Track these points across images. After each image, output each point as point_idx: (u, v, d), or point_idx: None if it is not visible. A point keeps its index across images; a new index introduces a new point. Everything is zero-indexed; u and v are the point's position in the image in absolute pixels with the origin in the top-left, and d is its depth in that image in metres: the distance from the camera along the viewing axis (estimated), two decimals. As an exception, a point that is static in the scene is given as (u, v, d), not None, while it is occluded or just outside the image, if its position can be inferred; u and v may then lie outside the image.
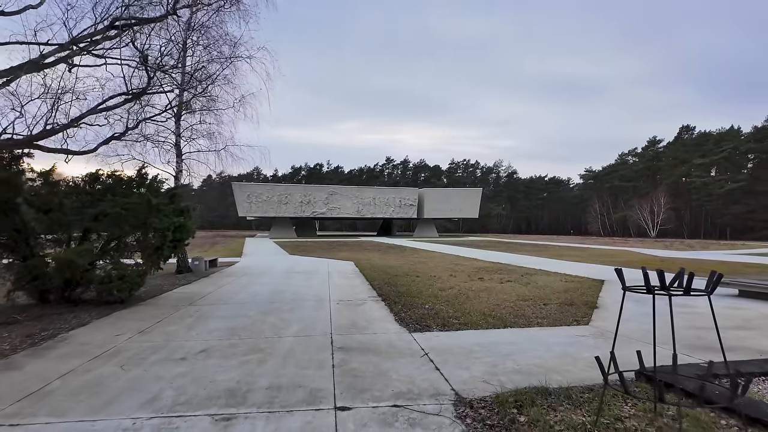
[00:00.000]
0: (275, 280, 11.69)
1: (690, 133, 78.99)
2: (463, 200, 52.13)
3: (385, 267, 15.20)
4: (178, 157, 12.95)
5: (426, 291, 9.61)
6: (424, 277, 12.26)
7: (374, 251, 24.32)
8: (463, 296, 9.00)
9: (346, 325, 6.24)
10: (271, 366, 4.45)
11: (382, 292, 9.30)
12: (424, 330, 5.99)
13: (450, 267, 15.56)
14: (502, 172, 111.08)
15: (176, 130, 12.96)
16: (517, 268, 15.05)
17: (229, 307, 7.68)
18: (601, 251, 25.44)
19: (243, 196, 45.08)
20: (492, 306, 7.91)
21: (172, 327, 6.24)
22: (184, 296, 9.03)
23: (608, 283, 11.15)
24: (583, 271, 13.96)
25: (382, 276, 12.40)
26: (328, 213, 48.02)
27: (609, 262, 18.29)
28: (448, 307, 7.65)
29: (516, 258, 19.77)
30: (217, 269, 14.85)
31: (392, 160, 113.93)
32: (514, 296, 9.04)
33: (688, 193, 70.79)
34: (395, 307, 7.62)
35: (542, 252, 24.42)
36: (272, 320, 6.59)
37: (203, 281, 11.58)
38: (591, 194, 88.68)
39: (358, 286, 10.38)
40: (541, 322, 6.56)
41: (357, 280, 11.67)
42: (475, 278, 12.35)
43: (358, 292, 9.43)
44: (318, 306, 7.77)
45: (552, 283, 11.39)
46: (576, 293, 9.51)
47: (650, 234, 63.87)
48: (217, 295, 9.17)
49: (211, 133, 13.42)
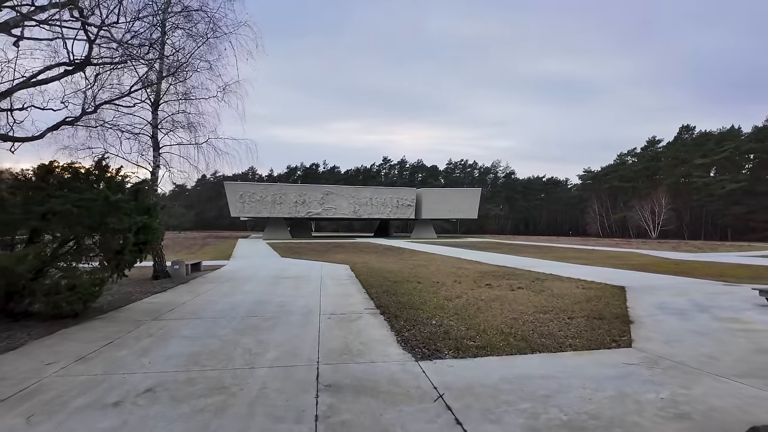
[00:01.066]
0: (261, 287, 10.50)
1: (690, 133, 78.24)
2: (461, 200, 51.01)
3: (383, 271, 14.04)
4: (155, 150, 11.74)
5: (431, 301, 8.45)
6: (427, 284, 11.11)
7: (371, 253, 23.16)
8: (473, 307, 7.86)
9: (337, 350, 5.07)
10: (233, 418, 3.27)
11: (380, 303, 8.13)
12: (433, 356, 4.82)
13: (453, 271, 14.41)
14: (500, 172, 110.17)
15: (153, 120, 11.75)
16: (525, 273, 13.93)
17: (199, 324, 6.48)
18: (608, 253, 24.38)
19: (235, 195, 43.75)
20: (509, 320, 6.76)
21: (122, 352, 5.04)
22: (152, 308, 7.82)
23: (631, 291, 10.02)
24: (597, 276, 12.86)
25: (380, 282, 11.24)
26: (323, 213, 46.76)
27: (620, 265, 17.21)
28: (459, 323, 6.50)
29: (521, 261, 18.65)
30: (199, 274, 13.64)
31: (389, 160, 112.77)
32: (531, 307, 7.90)
33: (689, 194, 69.98)
34: (397, 322, 6.45)
35: (546, 254, 23.34)
36: (247, 342, 5.41)
37: (180, 288, 10.37)
38: (590, 195, 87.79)
39: (353, 295, 9.21)
40: (574, 344, 5.41)
41: (352, 287, 10.50)
42: (482, 284, 11.22)
43: (353, 303, 8.26)
44: (305, 321, 6.59)
45: (568, 290, 10.27)
46: (600, 303, 8.39)
47: (651, 235, 63.00)
48: (191, 306, 7.98)
49: (191, 124, 12.23)
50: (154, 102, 11.73)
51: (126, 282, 11.52)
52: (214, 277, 12.75)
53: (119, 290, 10.07)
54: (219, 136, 12.44)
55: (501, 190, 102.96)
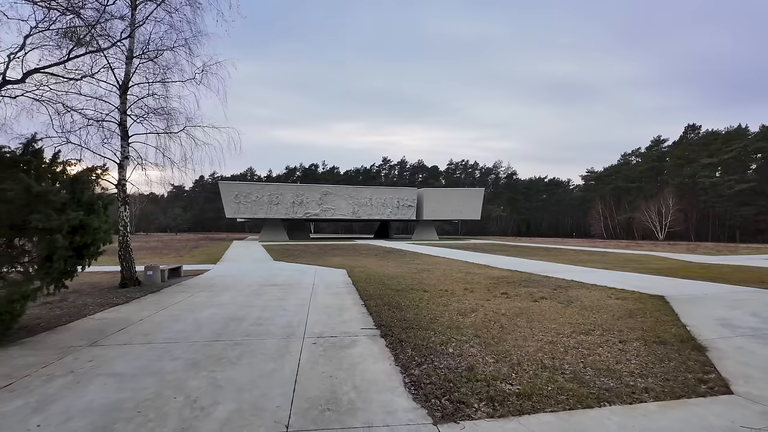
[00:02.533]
0: (241, 297, 8.98)
1: (696, 133, 76.76)
2: (464, 201, 49.43)
3: (383, 277, 12.53)
4: (124, 139, 10.23)
5: (442, 316, 6.94)
6: (434, 293, 9.60)
7: (371, 256, 21.64)
8: (495, 325, 6.36)
9: (318, 400, 3.55)
10: None
11: (381, 320, 6.62)
12: (459, 413, 3.31)
13: (461, 277, 12.90)
14: (502, 173, 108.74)
15: (121, 105, 10.26)
16: (542, 279, 12.42)
17: (145, 352, 4.97)
18: (623, 256, 22.84)
19: (230, 196, 42.17)
20: (546, 345, 5.26)
21: (10, 405, 3.53)
22: (97, 327, 6.31)
23: (675, 303, 8.50)
24: (625, 283, 11.35)
25: (380, 291, 9.73)
26: (321, 214, 45.18)
27: (642, 269, 15.70)
28: (484, 351, 4.99)
29: (533, 264, 17.13)
30: (178, 280, 12.13)
31: (389, 161, 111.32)
32: (566, 326, 6.40)
33: (696, 194, 68.46)
34: (403, 351, 4.94)
35: (558, 257, 21.81)
36: (196, 385, 3.89)
37: (147, 299, 8.85)
38: (593, 196, 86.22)
39: (348, 309, 7.69)
40: (650, 388, 3.90)
41: (348, 297, 8.98)
42: (497, 293, 9.72)
43: (348, 319, 6.74)
44: (282, 350, 5.06)
45: (599, 300, 8.77)
46: (647, 319, 6.88)
47: (658, 236, 61.47)
48: (147, 324, 6.46)
49: (165, 110, 10.71)
50: (123, 84, 10.23)
51: (89, 290, 10.04)
52: (192, 284, 11.24)
53: (74, 302, 8.57)
54: (197, 124, 10.96)
55: (503, 191, 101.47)
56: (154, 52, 10.28)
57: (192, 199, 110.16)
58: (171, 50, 10.65)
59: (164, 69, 10.54)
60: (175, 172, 10.88)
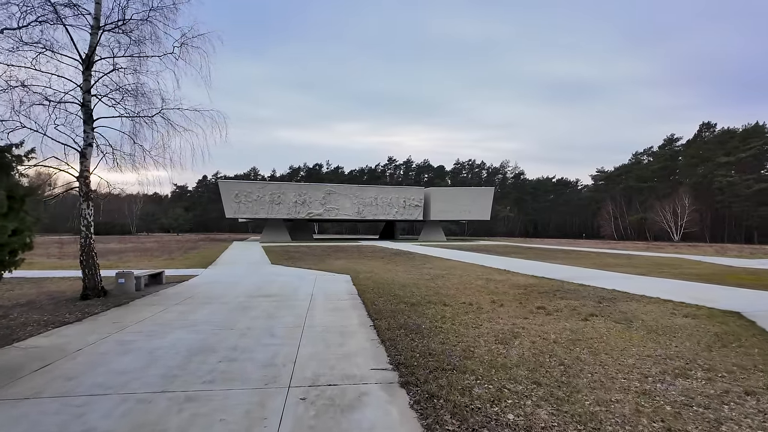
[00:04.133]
0: (221, 313, 7.32)
1: (711, 131, 74.43)
2: (473, 201, 47.53)
3: (393, 285, 10.84)
4: (87, 123, 8.60)
5: (477, 346, 5.25)
6: (457, 307, 7.91)
7: (377, 259, 19.95)
8: (553, 362, 4.67)
9: None
10: None
11: (397, 353, 4.92)
12: None
13: (482, 285, 11.20)
14: (509, 173, 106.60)
15: (85, 83, 8.63)
16: (577, 288, 10.68)
17: (44, 418, 3.30)
18: (651, 260, 21.00)
19: (230, 195, 40.55)
20: (642, 400, 3.59)
21: None
22: (11, 364, 4.64)
23: (764, 321, 6.77)
24: (678, 293, 9.63)
25: (391, 305, 8.04)
26: (325, 214, 43.47)
27: (683, 275, 13.91)
28: (559, 415, 3.30)
29: (557, 269, 15.37)
30: (157, 288, 10.51)
31: (394, 161, 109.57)
32: (647, 361, 4.73)
33: (712, 194, 66.20)
34: (438, 420, 3.21)
35: (580, 260, 20.02)
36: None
37: (104, 317, 7.21)
38: (603, 196, 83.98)
39: (353, 333, 6.00)
40: None
41: (353, 314, 7.30)
42: (532, 307, 8.02)
43: (353, 352, 5.04)
44: (254, 412, 3.37)
45: (664, 318, 7.08)
46: (749, 350, 5.17)
47: (673, 237, 59.35)
48: (81, 360, 4.80)
49: (136, 89, 9.07)
50: (86, 57, 8.61)
51: (44, 302, 8.43)
52: (171, 294, 9.60)
53: (16, 318, 6.97)
54: (176, 106, 9.31)
55: (510, 191, 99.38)
56: (122, 20, 8.65)
57: (195, 199, 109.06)
58: (146, 20, 9.03)
59: (136, 41, 8.91)
60: (148, 162, 9.22)
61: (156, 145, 9.23)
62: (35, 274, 13.30)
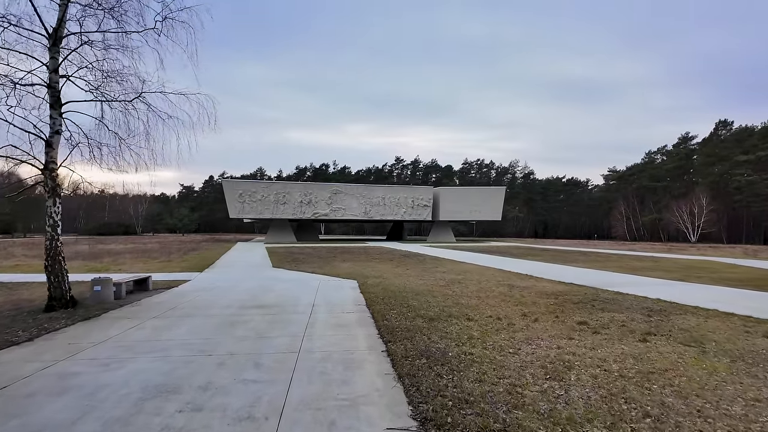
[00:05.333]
0: (203, 332, 6.11)
1: (728, 129, 72.13)
2: (484, 200, 46.03)
3: (406, 293, 9.58)
4: (54, 108, 7.45)
5: (524, 383, 3.98)
6: (485, 323, 6.64)
7: (385, 262, 18.69)
8: (633, 411, 3.41)
9: None
10: None
11: (421, 399, 3.64)
12: None
13: (506, 293, 9.92)
14: (519, 172, 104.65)
15: (51, 62, 7.48)
16: (615, 297, 9.36)
17: None
18: (681, 262, 19.51)
19: (234, 195, 39.45)
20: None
21: None
22: None
23: None
24: (734, 303, 8.33)
25: (406, 320, 6.78)
26: (331, 214, 42.23)
27: (726, 281, 12.51)
28: None
29: (585, 274, 14.01)
30: (140, 296, 9.35)
31: (402, 160, 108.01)
32: (764, 415, 3.41)
33: (729, 194, 64.03)
34: None
35: (603, 263, 18.60)
36: None
37: (64, 334, 6.02)
38: (615, 196, 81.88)
39: (361, 364, 4.73)
40: None
41: (360, 334, 6.04)
42: (572, 323, 6.73)
43: (361, 397, 3.77)
44: None
45: (740, 339, 5.80)
46: None
47: (690, 238, 57.39)
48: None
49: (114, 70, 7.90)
50: (54, 32, 7.45)
51: (7, 312, 7.30)
52: (153, 304, 8.42)
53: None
54: (160, 89, 8.13)
55: (519, 191, 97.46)
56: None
57: (202, 199, 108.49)
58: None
59: (112, 13, 7.72)
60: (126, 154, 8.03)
61: (135, 133, 8.04)
62: (14, 278, 12.23)
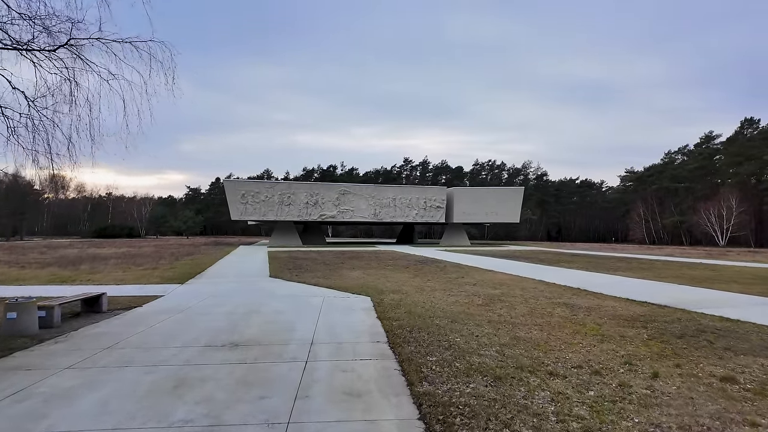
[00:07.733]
0: (126, 404, 3.67)
1: (754, 127, 68.59)
2: (500, 201, 43.25)
3: (439, 320, 7.06)
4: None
5: None
6: (575, 380, 4.09)
7: (400, 270, 16.16)
8: None
9: None
10: None
11: None
12: None
13: (569, 317, 7.39)
14: (531, 174, 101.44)
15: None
16: (729, 326, 6.77)
17: None
18: (744, 270, 16.72)
19: (236, 195, 37.11)
20: None
21: None
22: None
23: None
24: None
25: (457, 378, 4.26)
26: (338, 216, 39.73)
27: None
28: None
29: (653, 289, 11.37)
30: (84, 321, 6.96)
31: (411, 162, 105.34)
32: None
33: (759, 194, 60.59)
34: None
35: (656, 272, 15.90)
36: None
37: None
38: (633, 197, 78.49)
39: None
40: None
41: (387, 419, 3.55)
42: (710, 378, 4.14)
43: None
44: None
45: None
46: None
47: (718, 242, 54.10)
48: None
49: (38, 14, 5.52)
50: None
51: None
52: (88, 338, 6.00)
53: None
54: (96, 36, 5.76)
55: (533, 192, 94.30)
56: None
57: (208, 201, 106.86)
58: None
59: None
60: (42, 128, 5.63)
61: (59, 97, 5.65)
62: None
